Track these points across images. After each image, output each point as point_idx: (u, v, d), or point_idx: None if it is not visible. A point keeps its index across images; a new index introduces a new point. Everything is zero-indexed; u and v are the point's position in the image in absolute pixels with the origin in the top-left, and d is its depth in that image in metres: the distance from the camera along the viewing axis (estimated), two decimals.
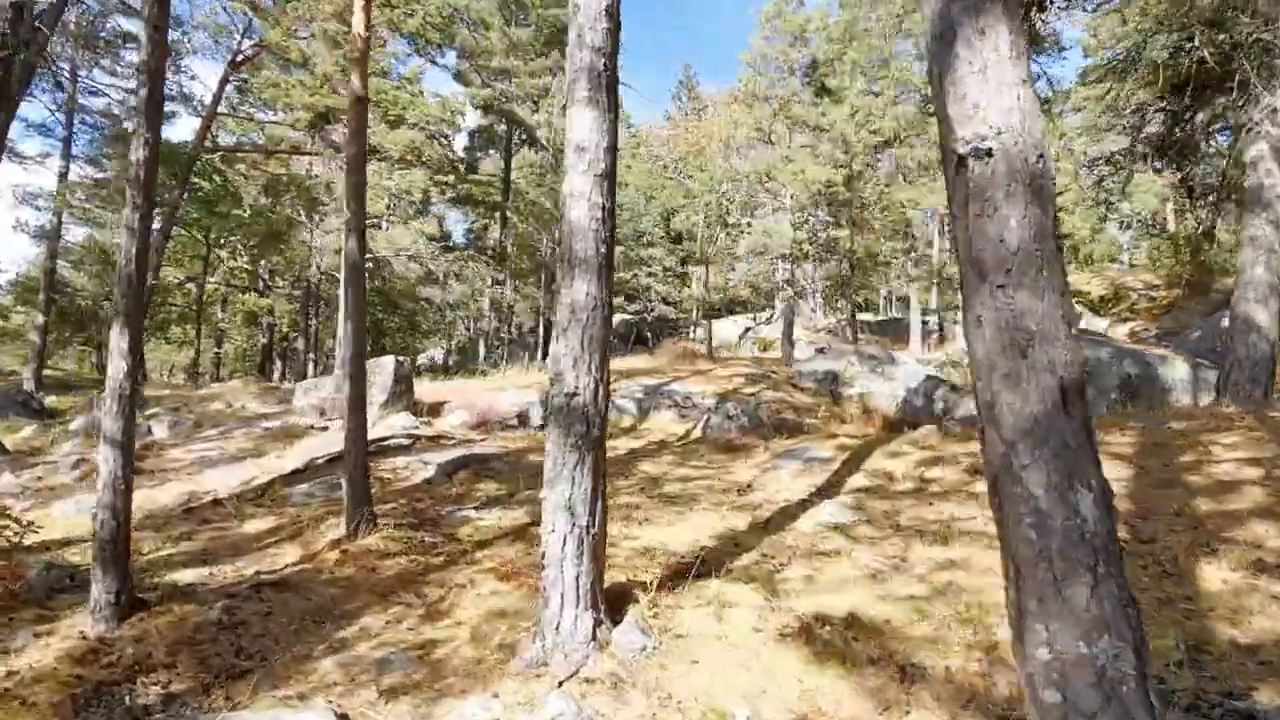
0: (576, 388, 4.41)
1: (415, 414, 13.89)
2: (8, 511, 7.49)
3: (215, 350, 37.85)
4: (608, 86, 4.60)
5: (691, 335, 28.36)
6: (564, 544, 4.31)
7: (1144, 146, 25.50)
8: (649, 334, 40.01)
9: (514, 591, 5.53)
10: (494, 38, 27.17)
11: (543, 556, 4.43)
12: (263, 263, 32.35)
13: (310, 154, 23.79)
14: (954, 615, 4.74)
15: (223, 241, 30.78)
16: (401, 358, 14.46)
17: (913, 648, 4.39)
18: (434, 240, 25.43)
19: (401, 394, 14.09)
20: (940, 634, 4.53)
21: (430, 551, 6.79)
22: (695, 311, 30.81)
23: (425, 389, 16.46)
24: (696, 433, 12.52)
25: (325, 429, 13.34)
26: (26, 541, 7.27)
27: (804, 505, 7.62)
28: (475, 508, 8.31)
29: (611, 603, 4.79)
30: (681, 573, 5.64)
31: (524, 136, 28.41)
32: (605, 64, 4.59)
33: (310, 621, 5.44)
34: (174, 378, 40.14)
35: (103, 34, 26.23)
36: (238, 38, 23.24)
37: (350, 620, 5.41)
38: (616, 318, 39.68)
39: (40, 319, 24.36)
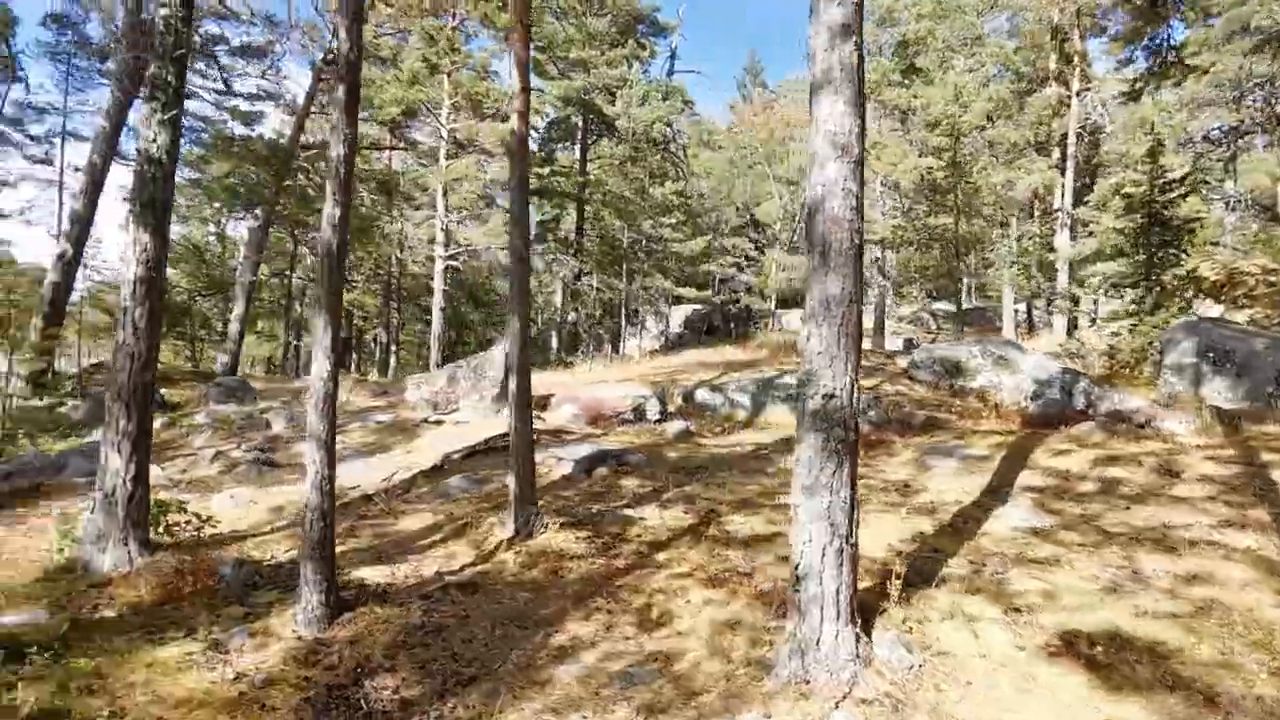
0: (834, 389, 4.14)
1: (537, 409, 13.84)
2: (184, 506, 7.64)
3: (294, 343, 38.81)
4: (858, 69, 4.29)
5: (774, 325, 27.87)
6: (823, 556, 4.06)
7: (1259, 121, 23.92)
8: (721, 325, 39.61)
9: (730, 600, 5.30)
10: (572, 28, 27.02)
11: (795, 568, 4.18)
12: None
13: (398, 148, 24.07)
14: (1235, 636, 4.33)
15: (310, 237, 31.54)
16: (507, 350, 14.41)
17: (1206, 674, 4.00)
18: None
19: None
20: (1231, 659, 4.13)
21: (606, 553, 6.62)
22: (772, 301, 30.26)
23: None
24: None
25: (440, 423, 13.41)
26: (203, 535, 7.41)
27: (981, 507, 7.21)
28: (626, 506, 8.12)
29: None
30: (885, 579, 5.33)
31: (601, 127, 28.21)
32: (854, 46, 4.29)
33: (513, 627, 5.32)
34: (254, 370, 41.27)
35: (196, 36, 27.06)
36: (329, 37, 23.58)
37: (554, 627, 5.27)
38: (686, 308, 39.31)
39: None
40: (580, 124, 28.99)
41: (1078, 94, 23.88)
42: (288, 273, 30.46)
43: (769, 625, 4.80)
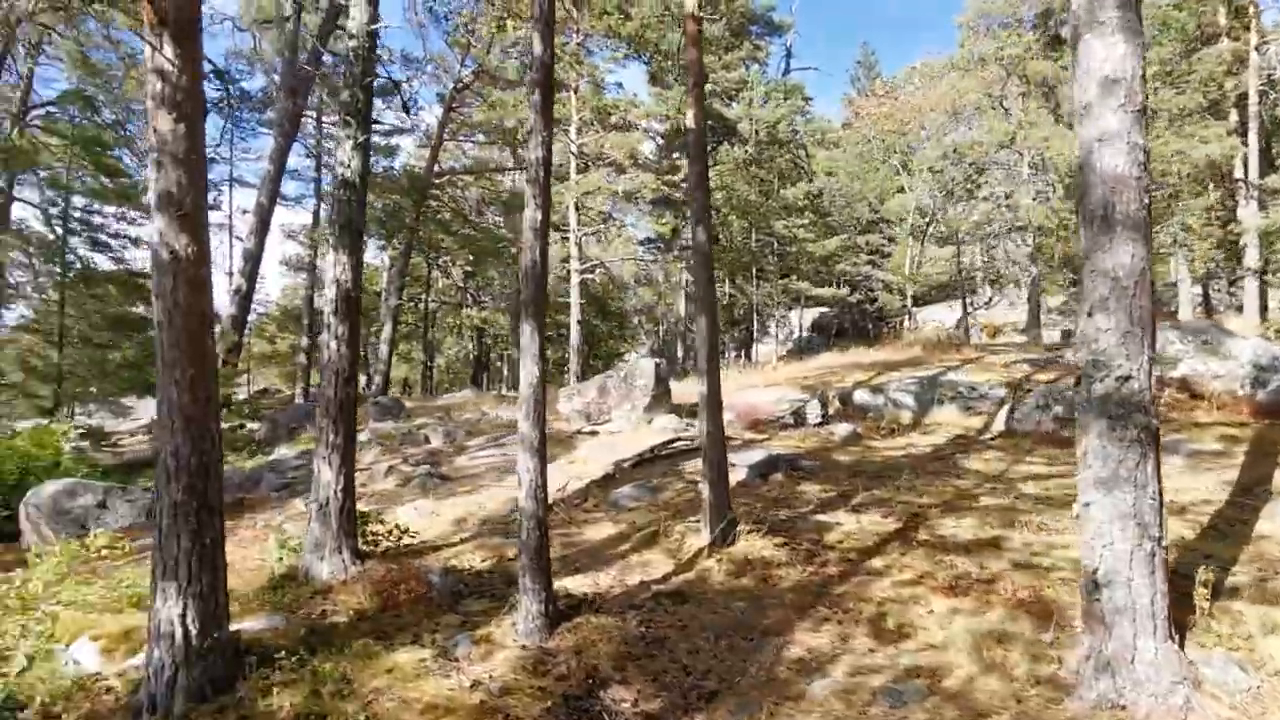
0: (1130, 370, 3.62)
1: (678, 416, 13.68)
2: (380, 517, 7.89)
3: (426, 363, 40.56)
4: (1135, 6, 3.78)
5: (910, 323, 26.56)
6: (1130, 560, 3.53)
7: None
8: (850, 327, 38.23)
9: (983, 609, 4.82)
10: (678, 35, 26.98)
11: (1093, 575, 3.67)
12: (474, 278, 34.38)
13: (524, 169, 24.78)
14: None
15: (442, 261, 33.05)
16: (658, 359, 14.34)
17: None
18: (645, 243, 25.53)
19: (661, 396, 13.95)
20: None
21: (811, 561, 6.25)
22: (908, 298, 28.83)
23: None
24: (998, 425, 11.24)
25: (594, 433, 13.45)
26: (401, 545, 7.60)
27: (1238, 506, 6.33)
28: (814, 511, 7.71)
29: None
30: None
31: (722, 131, 27.95)
32: None
33: (738, 638, 5.04)
34: (393, 391, 43.47)
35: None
36: (457, 67, 24.62)
37: (783, 638, 4.95)
38: (813, 311, 38.20)
39: (304, 341, 27.14)
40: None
41: (1256, 48, 21.38)
42: (423, 296, 31.94)
43: (1043, 638, 4.28)
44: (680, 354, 36.15)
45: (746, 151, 25.93)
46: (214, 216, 29.54)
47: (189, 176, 4.74)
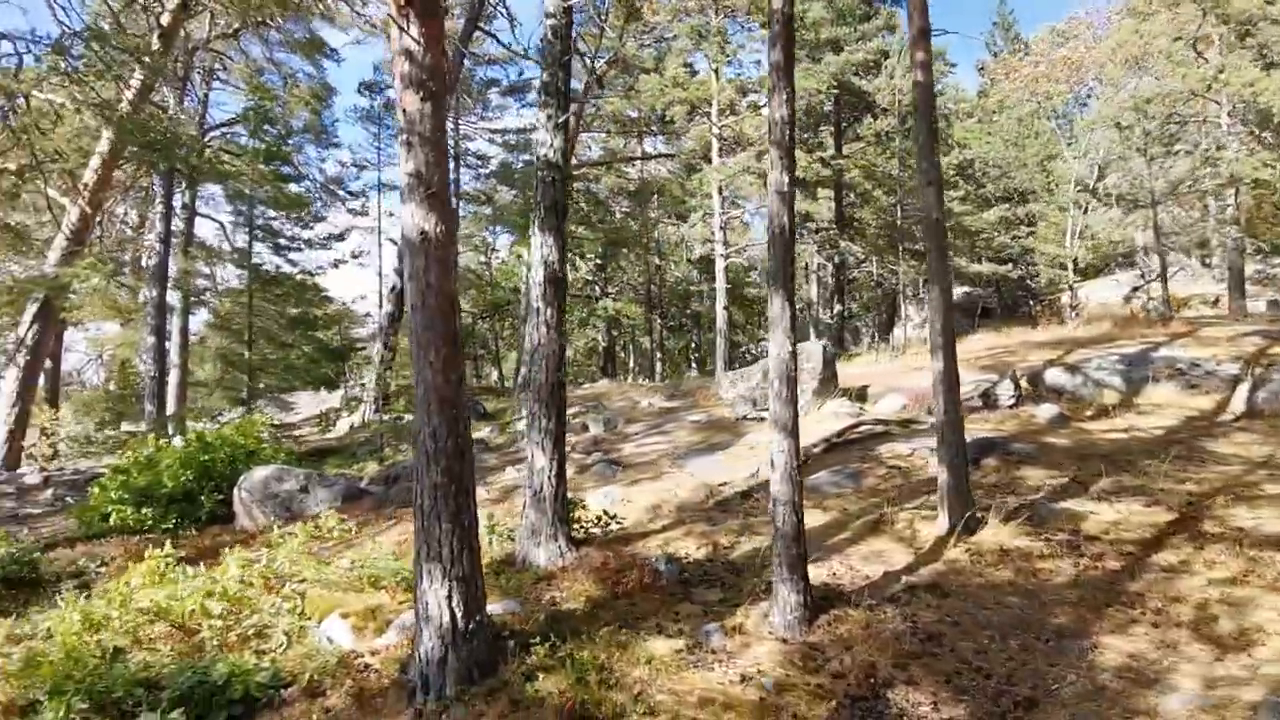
0: None
1: (849, 399, 13.04)
2: (583, 504, 7.81)
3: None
4: None
5: (1073, 299, 24.31)
6: None
7: None
8: (997, 306, 35.72)
9: None
10: (817, 8, 25.85)
11: None
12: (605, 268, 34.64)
13: (663, 156, 24.58)
14: None
15: (572, 254, 33.52)
16: (825, 342, 13.72)
17: None
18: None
19: (829, 380, 13.34)
20: None
21: (1075, 552, 5.57)
22: (1070, 273, 26.43)
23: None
24: (1237, 405, 9.89)
25: (762, 419, 13.01)
26: (608, 532, 7.47)
27: None
28: (1048, 498, 6.95)
29: None
30: None
31: (859, 105, 26.67)
32: None
33: (1029, 637, 4.49)
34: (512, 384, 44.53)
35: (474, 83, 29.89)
36: (589, 58, 24.67)
37: (1085, 640, 4.36)
38: (956, 290, 35.93)
39: None
40: (835, 106, 27.68)
41: None
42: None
43: None
44: (812, 336, 35.02)
45: (889, 124, 24.62)
46: (362, 221, 31.18)
47: (435, 155, 4.69)
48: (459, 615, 4.45)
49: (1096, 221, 22.69)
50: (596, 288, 37.76)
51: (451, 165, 28.19)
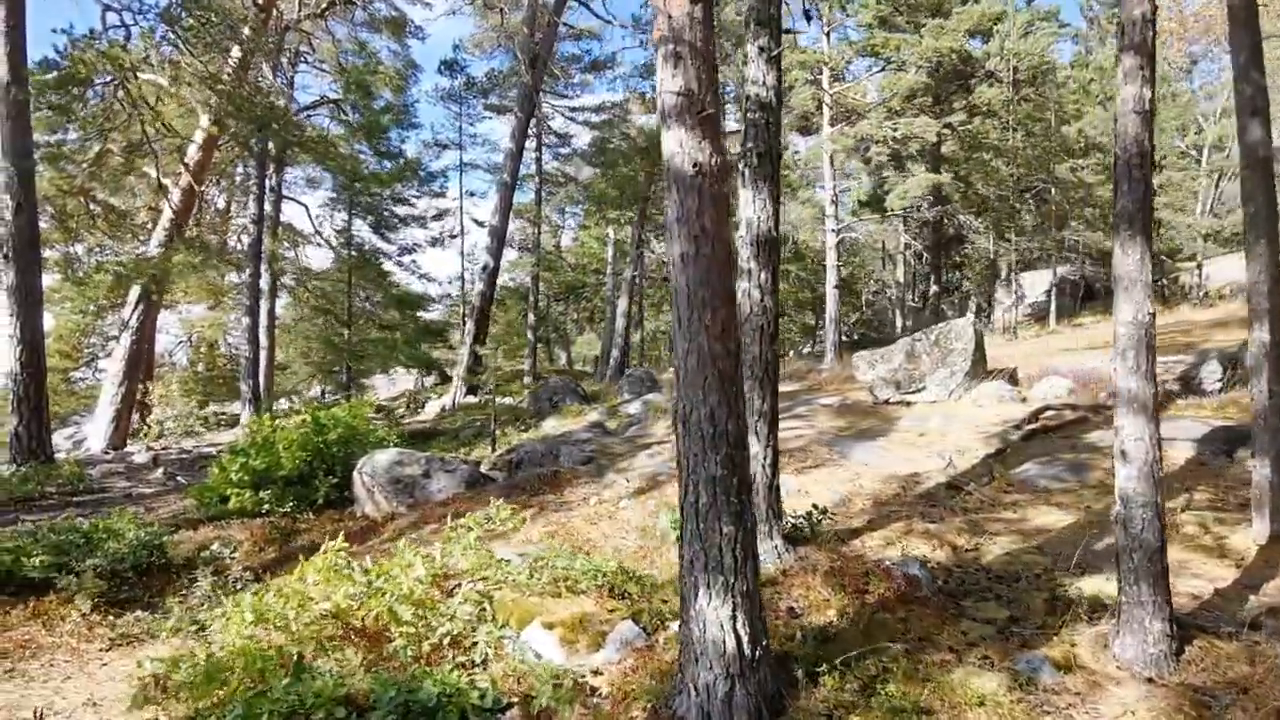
0: None
1: (1007, 382, 11.83)
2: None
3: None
4: None
5: (1198, 277, 22.30)
6: None
7: None
8: (1101, 288, 33.46)
9: None
10: None
11: None
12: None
13: None
14: None
15: (645, 235, 32.61)
16: (974, 320, 12.51)
17: None
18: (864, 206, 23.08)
19: (979, 362, 12.14)
20: None
21: None
22: (1199, 248, 24.35)
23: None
24: None
25: (907, 403, 11.91)
26: (819, 529, 6.54)
27: None
28: None
29: None
30: None
31: (968, 72, 24.95)
32: None
33: None
34: (586, 369, 43.98)
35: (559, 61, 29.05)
36: None
37: None
38: (1046, 274, 33.72)
39: (531, 319, 27.60)
40: (937, 75, 25.99)
41: None
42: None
43: None
44: (899, 322, 33.38)
45: (1005, 91, 22.90)
46: (440, 203, 30.62)
47: (707, 71, 3.78)
48: (744, 640, 3.59)
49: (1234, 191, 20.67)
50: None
51: (532, 143, 27.52)
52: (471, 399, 20.67)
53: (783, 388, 16.02)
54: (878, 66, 18.66)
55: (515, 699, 4.32)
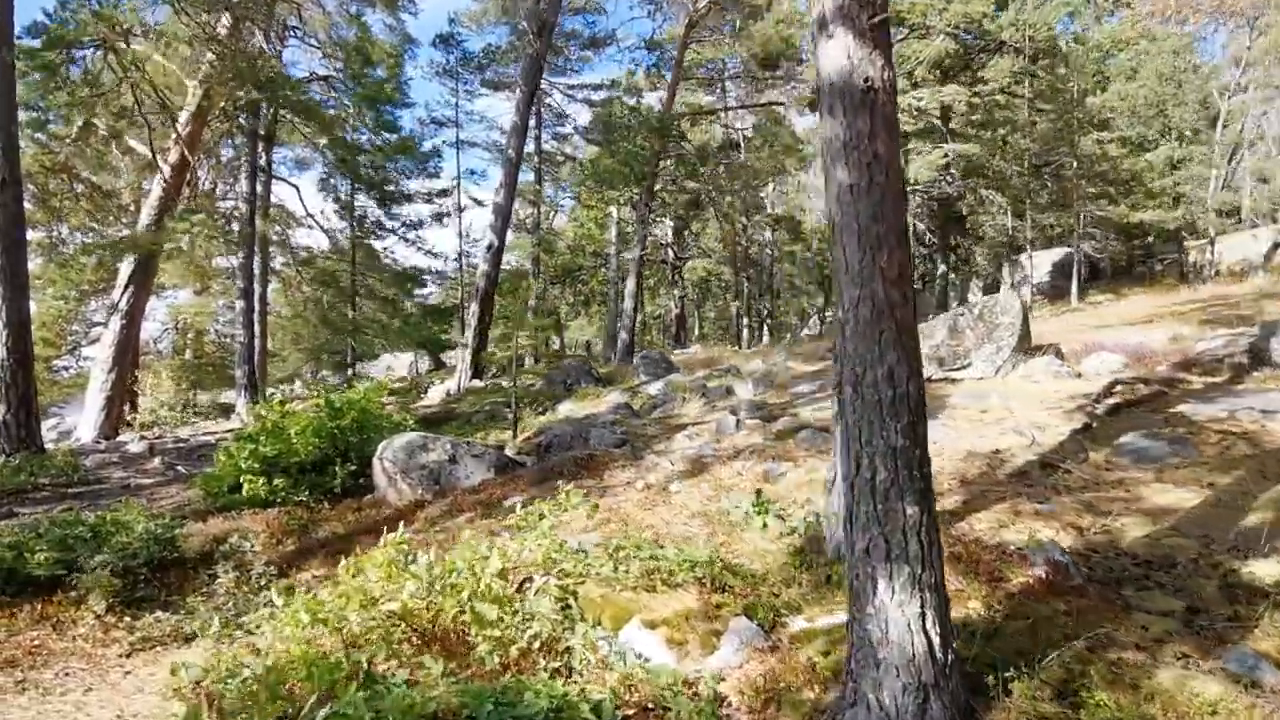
0: None
1: (1057, 357, 11.35)
2: None
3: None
4: None
5: (1209, 256, 22.00)
6: None
7: None
8: (1107, 268, 33.21)
9: None
10: None
11: None
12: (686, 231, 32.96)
13: (775, 104, 22.71)
14: None
15: (653, 216, 31.88)
16: (1019, 292, 11.99)
17: None
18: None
19: (1025, 337, 11.64)
20: None
21: None
22: (1210, 226, 24.04)
23: None
24: None
25: (954, 380, 11.41)
26: None
27: None
28: None
29: None
30: None
31: (982, 44, 24.35)
32: None
33: None
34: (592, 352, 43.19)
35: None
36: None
37: None
38: (1055, 253, 33.40)
39: (532, 300, 26.85)
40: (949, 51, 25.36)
41: None
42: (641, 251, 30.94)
43: None
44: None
45: (1016, 63, 22.34)
46: (436, 184, 29.78)
47: None
48: (936, 643, 3.02)
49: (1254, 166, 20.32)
50: (671, 251, 36.10)
51: (533, 121, 26.62)
52: (478, 383, 19.97)
53: (806, 367, 15.55)
54: (899, 35, 18.00)
55: (632, 710, 3.73)
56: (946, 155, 17.15)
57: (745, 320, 31.06)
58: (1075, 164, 20.02)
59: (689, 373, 16.33)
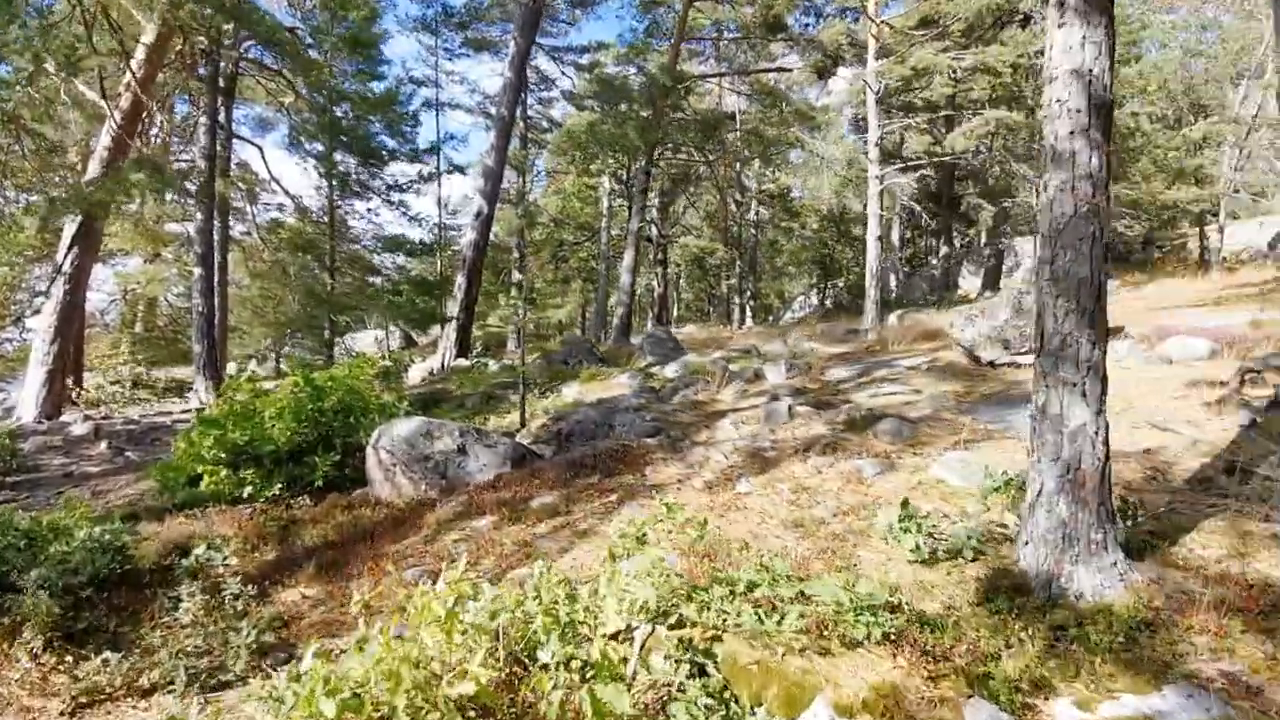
0: None
1: (1136, 343, 10.24)
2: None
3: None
4: None
5: (1216, 242, 21.28)
6: None
7: None
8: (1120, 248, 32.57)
9: None
10: None
11: None
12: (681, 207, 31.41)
13: (783, 70, 21.27)
14: None
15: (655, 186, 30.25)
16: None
17: None
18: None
19: None
20: None
21: None
22: (1221, 210, 23.32)
23: None
24: None
25: (1018, 364, 10.25)
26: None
27: None
28: None
29: None
30: None
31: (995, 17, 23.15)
32: None
33: None
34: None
35: None
36: None
37: None
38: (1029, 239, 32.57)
39: (516, 276, 25.24)
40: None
41: None
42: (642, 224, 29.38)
43: None
44: (893, 283, 31.85)
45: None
46: (416, 148, 27.78)
47: None
48: None
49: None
50: (655, 228, 34.48)
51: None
52: (463, 361, 18.33)
53: (828, 350, 14.27)
54: None
55: None
56: (988, 123, 16.00)
57: (738, 300, 29.69)
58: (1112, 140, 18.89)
59: (699, 353, 14.98)
